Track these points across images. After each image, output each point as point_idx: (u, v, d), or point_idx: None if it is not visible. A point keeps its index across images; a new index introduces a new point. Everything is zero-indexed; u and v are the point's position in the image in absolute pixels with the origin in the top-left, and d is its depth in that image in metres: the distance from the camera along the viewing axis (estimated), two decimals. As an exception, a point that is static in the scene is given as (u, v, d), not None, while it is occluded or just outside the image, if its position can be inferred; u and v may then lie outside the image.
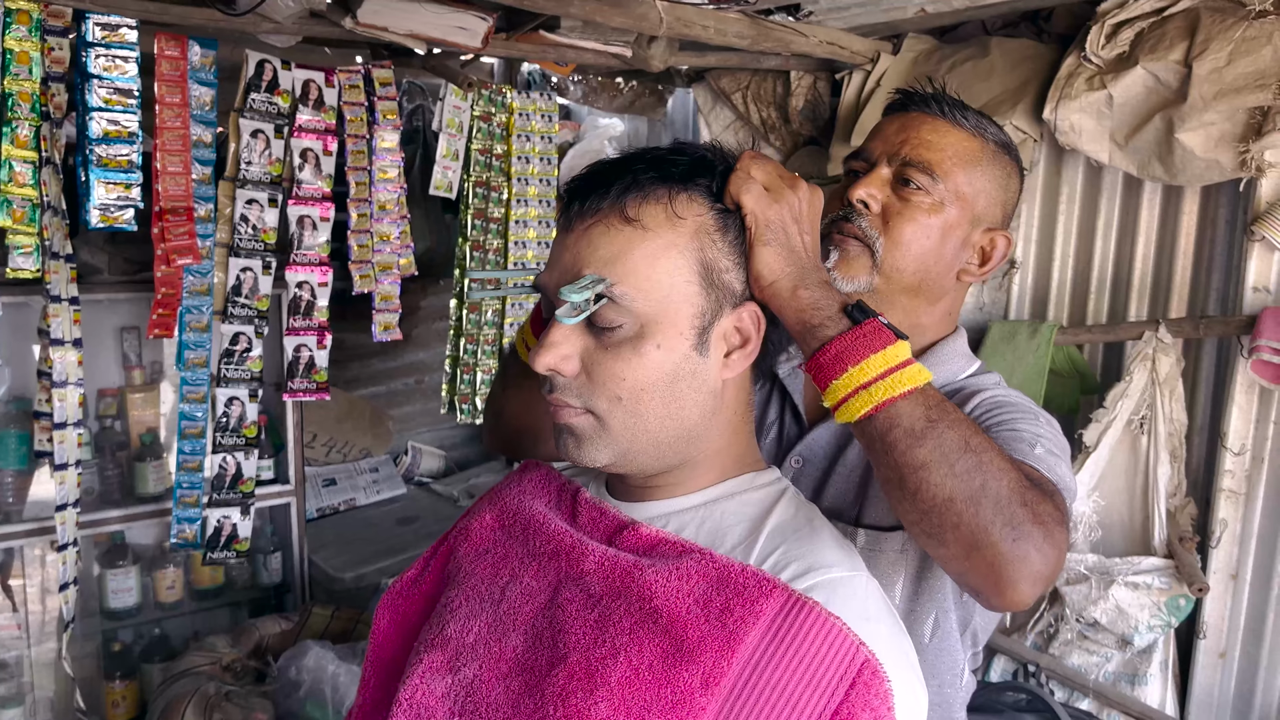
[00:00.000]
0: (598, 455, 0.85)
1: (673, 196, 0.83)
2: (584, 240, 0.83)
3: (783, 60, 2.62)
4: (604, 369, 0.83)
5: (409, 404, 4.04)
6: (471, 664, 0.86)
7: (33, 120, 1.98)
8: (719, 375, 0.87)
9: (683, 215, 0.83)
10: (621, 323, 0.82)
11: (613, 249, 0.82)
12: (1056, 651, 2.20)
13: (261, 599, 3.10)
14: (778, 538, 0.85)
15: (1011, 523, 0.83)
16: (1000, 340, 2.32)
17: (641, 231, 0.82)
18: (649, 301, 0.82)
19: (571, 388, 0.84)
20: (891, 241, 1.14)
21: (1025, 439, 1.02)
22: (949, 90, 1.21)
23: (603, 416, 0.84)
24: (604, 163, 0.87)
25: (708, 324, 0.84)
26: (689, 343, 0.83)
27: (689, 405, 0.85)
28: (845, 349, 0.85)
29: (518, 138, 2.82)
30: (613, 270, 0.81)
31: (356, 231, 2.55)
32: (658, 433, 0.85)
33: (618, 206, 0.82)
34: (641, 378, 0.82)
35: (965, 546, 0.85)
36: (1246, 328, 1.98)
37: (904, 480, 0.85)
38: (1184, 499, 2.15)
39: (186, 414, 2.42)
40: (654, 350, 0.82)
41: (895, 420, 0.85)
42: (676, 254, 0.83)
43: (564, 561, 0.88)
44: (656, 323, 0.82)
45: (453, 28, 2.07)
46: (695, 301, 0.83)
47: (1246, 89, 1.88)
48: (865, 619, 0.79)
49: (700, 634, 0.77)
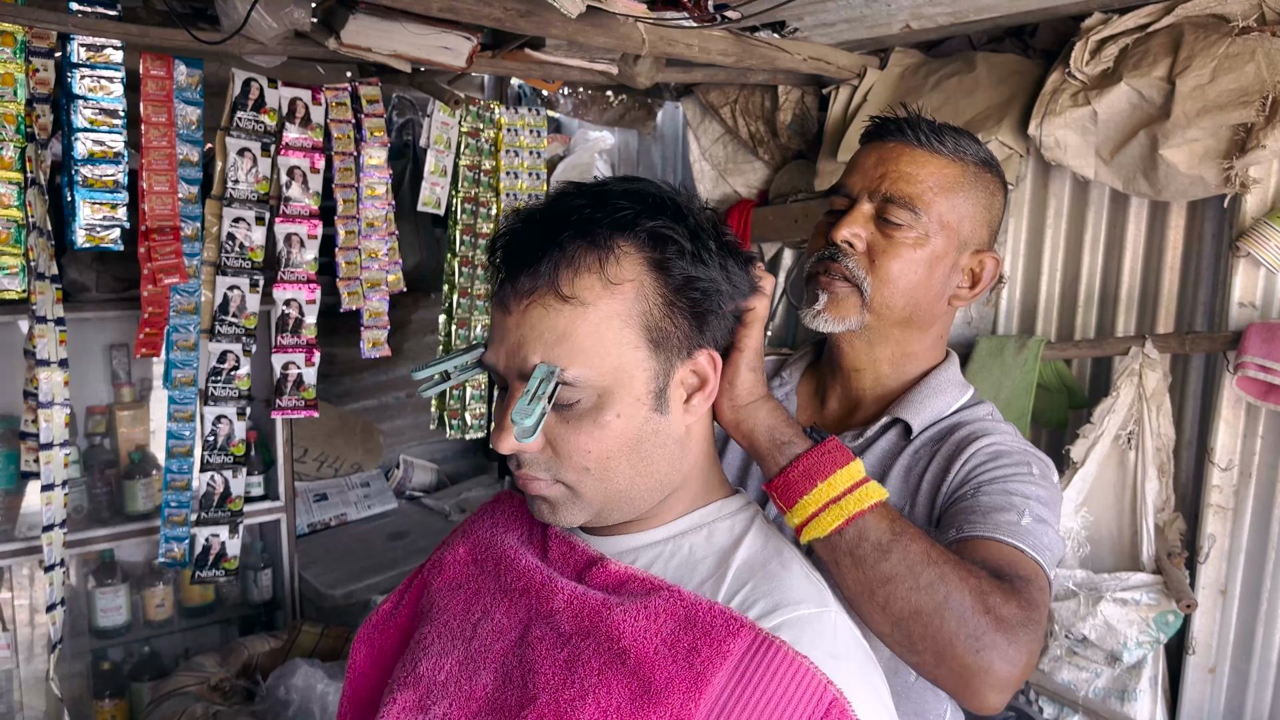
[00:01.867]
0: (573, 518, 0.86)
1: (603, 262, 0.80)
2: (525, 322, 0.81)
3: (770, 75, 2.63)
4: (568, 443, 0.82)
5: (400, 418, 4.04)
6: (442, 702, 0.86)
7: (18, 141, 1.98)
8: (682, 423, 0.87)
9: (617, 280, 0.80)
10: (579, 399, 0.81)
11: (556, 330, 0.80)
12: (1046, 667, 2.20)
13: (252, 616, 3.09)
14: (746, 573, 0.85)
15: (974, 634, 0.87)
16: (988, 355, 2.32)
17: (581, 308, 0.80)
18: (602, 374, 0.81)
19: (539, 462, 0.84)
20: (879, 279, 1.15)
21: (1015, 506, 1.03)
22: (932, 109, 1.21)
23: (573, 486, 0.84)
24: (527, 224, 0.84)
25: (663, 385, 0.84)
26: (647, 407, 0.83)
27: (657, 461, 0.85)
28: (813, 465, 0.90)
29: (506, 153, 2.82)
30: (558, 352, 0.80)
31: (344, 248, 2.55)
32: (629, 490, 0.85)
33: (551, 284, 0.80)
34: (606, 447, 0.82)
35: (934, 656, 0.88)
36: (1232, 343, 1.98)
37: (873, 594, 0.89)
38: (1172, 514, 2.14)
39: (174, 432, 2.41)
40: (614, 420, 0.82)
41: (864, 534, 0.89)
42: (620, 323, 0.81)
43: (534, 598, 0.87)
44: (612, 393, 0.81)
45: (437, 48, 2.07)
46: (646, 365, 0.82)
47: (1230, 105, 1.88)
48: (834, 657, 0.79)
49: (668, 675, 0.77)
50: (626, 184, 0.86)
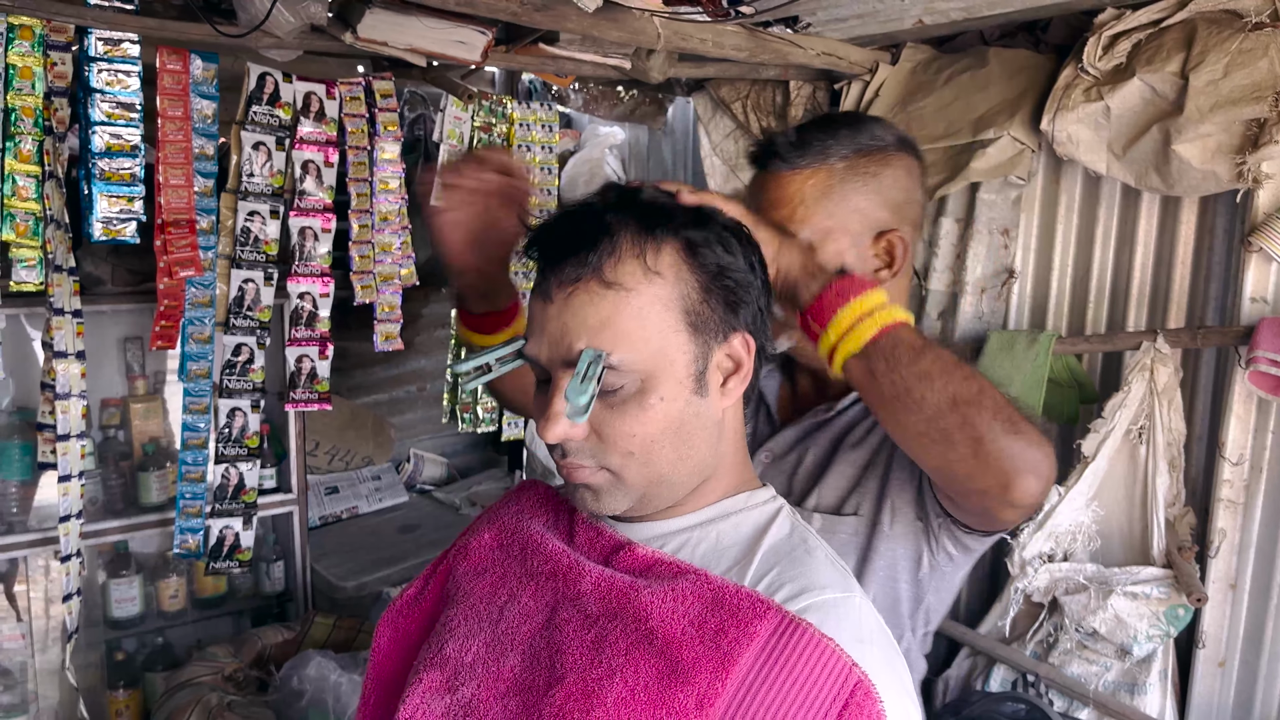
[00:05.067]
0: (616, 505, 0.88)
1: (644, 251, 0.83)
2: (568, 310, 0.83)
3: (782, 70, 2.63)
4: (613, 429, 0.84)
5: (411, 411, 4.05)
6: (470, 684, 0.87)
7: (36, 135, 1.99)
8: (719, 406, 0.88)
9: (657, 269, 0.83)
10: (623, 384, 0.83)
11: (600, 316, 0.82)
12: (1056, 661, 2.21)
13: (264, 607, 3.11)
14: (772, 559, 0.86)
15: (1010, 420, 0.92)
16: (999, 350, 2.33)
17: (624, 293, 0.82)
18: (645, 359, 0.83)
19: (584, 450, 0.86)
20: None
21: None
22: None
23: (618, 471, 0.86)
24: (567, 217, 0.88)
25: (703, 368, 0.86)
26: (689, 389, 0.85)
27: (698, 443, 0.87)
28: (846, 287, 0.97)
29: (518, 148, 2.83)
30: (603, 338, 0.82)
31: (358, 242, 2.56)
32: (671, 475, 0.87)
33: (595, 272, 0.82)
34: (650, 431, 0.84)
35: (972, 443, 0.92)
36: (1244, 338, 1.99)
37: (910, 390, 0.94)
38: (1182, 508, 2.15)
39: (189, 425, 2.43)
40: (658, 403, 0.84)
41: (898, 341, 0.95)
42: (661, 308, 0.83)
43: (561, 582, 0.89)
44: (655, 376, 0.83)
45: (451, 42, 2.08)
46: (687, 349, 0.85)
47: (1243, 101, 1.89)
48: (859, 640, 0.80)
49: (695, 655, 0.78)
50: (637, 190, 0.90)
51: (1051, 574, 2.22)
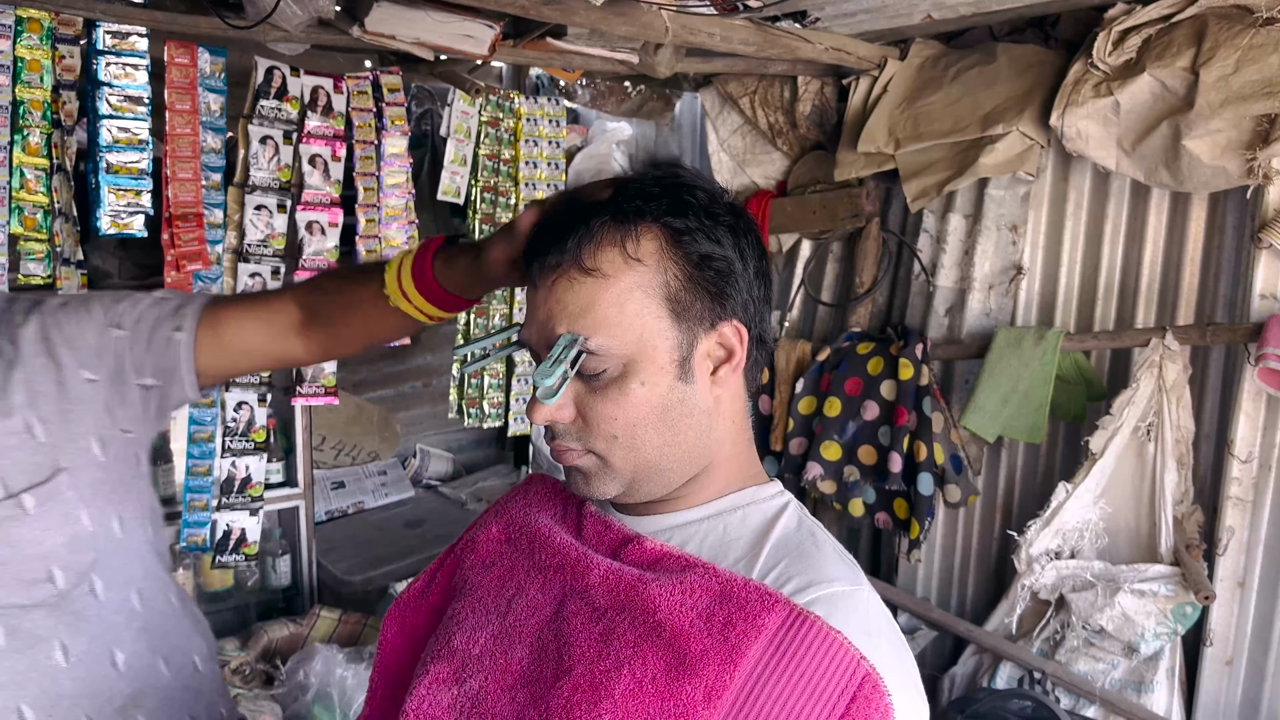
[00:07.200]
0: (606, 489, 0.89)
1: (624, 239, 0.85)
2: (552, 296, 0.86)
3: (789, 66, 2.63)
4: (596, 412, 0.86)
5: (417, 407, 4.05)
6: (477, 675, 0.87)
7: (44, 128, 2.00)
8: (709, 394, 0.88)
9: (638, 256, 0.84)
10: (604, 368, 0.85)
11: (579, 302, 0.84)
12: (1062, 658, 2.20)
13: (270, 602, 3.11)
14: (780, 552, 0.86)
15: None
16: (1006, 347, 2.32)
17: (603, 279, 0.84)
18: (625, 344, 0.84)
19: (571, 432, 0.88)
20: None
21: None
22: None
23: (604, 455, 0.87)
24: (557, 210, 0.90)
25: (686, 354, 0.86)
26: (671, 375, 0.86)
27: (684, 430, 0.87)
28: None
29: (525, 142, 2.83)
30: (583, 323, 0.84)
31: (365, 236, 2.57)
32: (658, 461, 0.87)
33: (575, 259, 0.85)
34: (632, 415, 0.85)
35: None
36: (1254, 335, 1.98)
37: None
38: (1191, 506, 2.14)
39: (195, 418, 2.43)
40: (639, 388, 0.85)
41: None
42: (641, 294, 0.84)
43: (569, 575, 0.88)
44: (636, 362, 0.85)
45: (459, 36, 2.07)
46: (669, 335, 0.85)
47: (1254, 96, 1.88)
48: (867, 634, 0.79)
49: (703, 647, 0.78)
50: (653, 170, 0.90)
51: (1058, 571, 2.21)
